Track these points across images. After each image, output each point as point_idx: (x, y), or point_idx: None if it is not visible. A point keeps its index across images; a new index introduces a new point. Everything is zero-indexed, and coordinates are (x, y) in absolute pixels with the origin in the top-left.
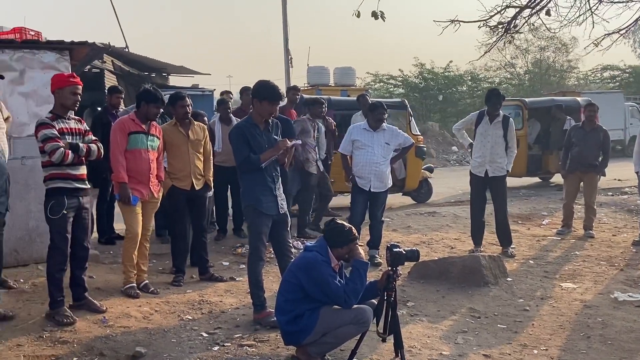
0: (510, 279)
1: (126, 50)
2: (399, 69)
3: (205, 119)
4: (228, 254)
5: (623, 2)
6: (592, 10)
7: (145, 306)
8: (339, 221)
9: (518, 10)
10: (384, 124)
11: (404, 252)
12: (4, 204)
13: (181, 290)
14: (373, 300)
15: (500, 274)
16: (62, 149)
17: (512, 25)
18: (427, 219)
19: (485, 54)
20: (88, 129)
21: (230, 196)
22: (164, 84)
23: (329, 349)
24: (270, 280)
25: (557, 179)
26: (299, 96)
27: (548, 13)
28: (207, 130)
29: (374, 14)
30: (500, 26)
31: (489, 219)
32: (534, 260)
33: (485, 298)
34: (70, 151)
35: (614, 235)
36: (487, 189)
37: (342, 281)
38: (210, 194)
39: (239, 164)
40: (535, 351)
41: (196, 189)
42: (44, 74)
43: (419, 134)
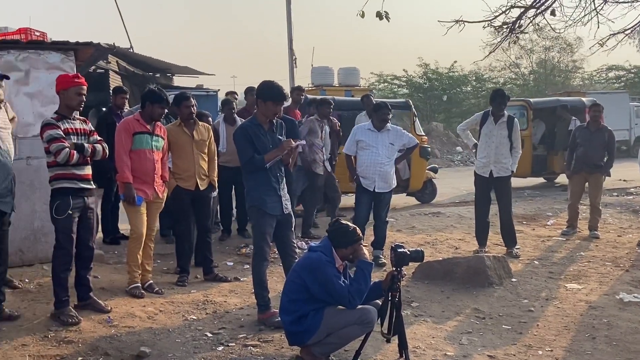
0: (515, 280)
1: (131, 50)
2: (403, 69)
3: (210, 119)
4: (232, 254)
5: (628, 2)
6: (597, 10)
7: (150, 306)
8: (344, 221)
9: (523, 10)
10: (388, 124)
11: (409, 253)
12: (9, 203)
13: (185, 291)
14: (377, 300)
15: (504, 274)
16: (68, 149)
17: (517, 25)
18: (432, 219)
19: (490, 54)
20: (93, 129)
21: (234, 196)
22: (168, 85)
23: (333, 349)
24: (274, 280)
25: (562, 179)
26: (303, 96)
27: (553, 13)
28: (212, 131)
29: (379, 15)
30: (505, 26)
31: (494, 220)
32: (539, 260)
33: (490, 299)
34: (75, 151)
35: (619, 236)
36: (492, 190)
37: (347, 281)
38: (215, 194)
39: (244, 164)
40: (540, 352)
41: (201, 189)
42: (49, 75)
43: (423, 134)
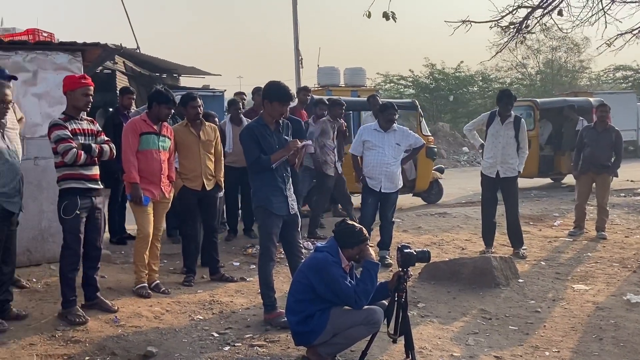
0: (521, 280)
1: (137, 51)
2: (410, 70)
3: (216, 119)
4: (238, 254)
5: (636, 2)
6: (605, 10)
7: (157, 306)
8: (350, 222)
9: (530, 10)
10: (394, 124)
11: (415, 253)
12: (17, 204)
13: (192, 290)
14: (384, 301)
15: (511, 275)
16: (75, 149)
17: (524, 25)
18: (438, 219)
19: (496, 54)
20: (100, 129)
21: (240, 197)
22: (175, 85)
23: (339, 349)
24: (280, 280)
25: (569, 179)
26: (310, 97)
27: (560, 13)
28: (218, 131)
29: (385, 15)
30: (511, 26)
31: (500, 220)
32: (546, 261)
33: (497, 299)
34: (82, 152)
35: (626, 237)
36: (499, 190)
37: (353, 282)
38: (221, 194)
39: (250, 164)
40: (547, 353)
41: (207, 189)
42: (56, 75)
43: (429, 134)
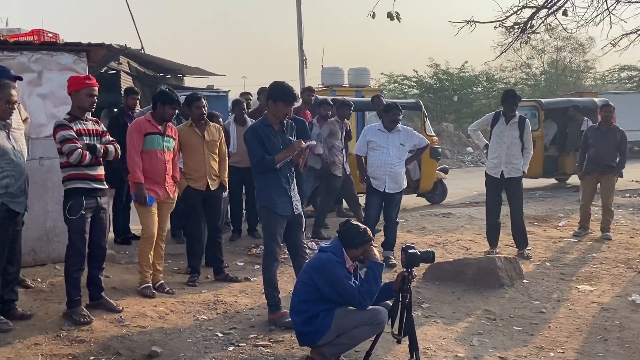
0: (526, 281)
1: (142, 51)
2: (414, 70)
3: (220, 119)
4: (243, 255)
5: None
6: (610, 10)
7: (161, 306)
8: (354, 222)
9: (534, 10)
10: (398, 124)
11: (419, 254)
12: (22, 204)
13: (196, 291)
14: (388, 301)
15: (516, 275)
16: (80, 150)
17: (529, 25)
18: (442, 220)
19: (501, 54)
20: (105, 129)
21: (244, 197)
22: (179, 85)
23: (343, 349)
24: (284, 280)
25: (574, 180)
26: (314, 97)
27: (565, 13)
28: (222, 131)
29: (390, 15)
30: (516, 27)
31: (505, 221)
32: (550, 262)
33: (501, 300)
34: (87, 152)
35: (631, 237)
36: (503, 191)
37: (357, 282)
38: (225, 194)
39: (254, 164)
40: (552, 354)
41: (211, 189)
42: (61, 76)
43: (433, 134)
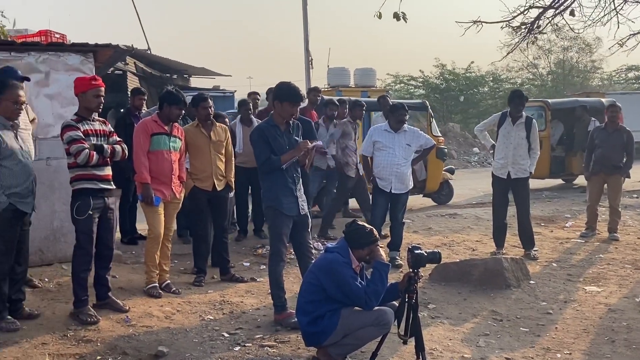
0: (532, 282)
1: (148, 52)
2: (420, 70)
3: (227, 120)
4: (249, 255)
5: None
6: (617, 10)
7: (167, 306)
8: (360, 222)
9: (542, 10)
10: (405, 125)
11: (425, 254)
12: (30, 204)
13: (202, 291)
14: (394, 302)
15: (522, 276)
16: (87, 150)
17: (535, 25)
18: (448, 220)
19: (507, 54)
20: (112, 130)
21: (250, 197)
22: (185, 86)
23: (349, 350)
24: (290, 281)
25: (581, 180)
26: (320, 97)
27: (572, 13)
28: (229, 132)
29: (396, 16)
30: (523, 27)
31: (511, 221)
32: (557, 263)
33: (508, 301)
34: (95, 152)
35: (639, 238)
36: (510, 191)
37: (363, 283)
38: (232, 194)
39: (260, 165)
40: (559, 355)
41: (218, 189)
42: (68, 76)
43: (439, 135)
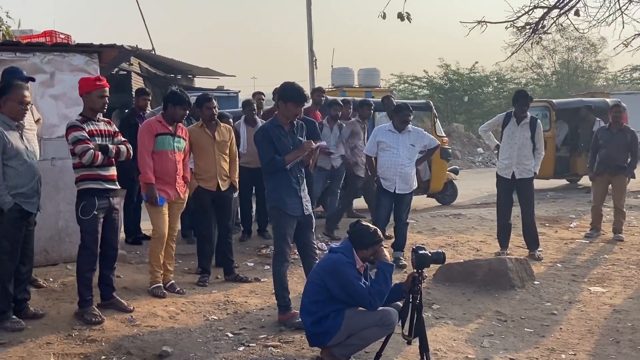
0: (537, 283)
1: (153, 52)
2: (424, 70)
3: (231, 120)
4: (253, 255)
5: None
6: (622, 10)
7: (172, 306)
8: (364, 223)
9: (546, 10)
10: (409, 125)
11: (430, 255)
12: (35, 204)
13: (207, 291)
14: (398, 302)
15: (527, 277)
16: (92, 150)
17: (540, 26)
18: (452, 221)
19: (512, 54)
20: (117, 130)
21: (254, 197)
22: (189, 86)
23: (354, 350)
24: (294, 281)
25: (585, 181)
26: (324, 98)
27: (577, 13)
28: (233, 132)
29: (400, 16)
30: (527, 27)
31: (516, 222)
32: (562, 263)
33: (512, 301)
34: (100, 152)
35: None
36: (514, 191)
37: (367, 283)
38: (236, 194)
39: (264, 165)
40: (563, 356)
41: (222, 189)
42: (73, 77)
43: (444, 135)
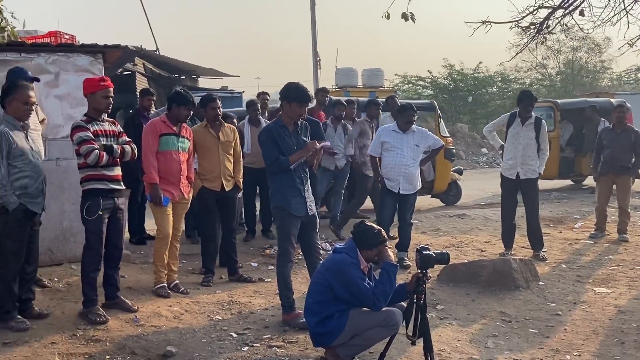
0: (542, 283)
1: (157, 53)
2: (428, 70)
3: (235, 120)
4: (257, 255)
5: None
6: (627, 10)
7: (176, 306)
8: (368, 223)
9: (551, 10)
10: (413, 125)
11: (434, 255)
12: (40, 204)
13: (211, 291)
14: (402, 302)
15: (531, 277)
16: (97, 150)
17: (545, 26)
18: (457, 221)
19: (516, 55)
20: (122, 130)
21: (258, 197)
22: (193, 86)
23: (358, 351)
24: (298, 281)
25: (590, 181)
26: (328, 98)
27: (582, 13)
28: (237, 132)
29: (404, 16)
30: (532, 27)
31: (520, 222)
32: (566, 264)
33: (516, 302)
34: (104, 153)
35: None
36: (519, 192)
37: (371, 283)
38: (240, 195)
39: (268, 165)
40: (568, 356)
41: (226, 190)
42: (78, 77)
43: (448, 135)
